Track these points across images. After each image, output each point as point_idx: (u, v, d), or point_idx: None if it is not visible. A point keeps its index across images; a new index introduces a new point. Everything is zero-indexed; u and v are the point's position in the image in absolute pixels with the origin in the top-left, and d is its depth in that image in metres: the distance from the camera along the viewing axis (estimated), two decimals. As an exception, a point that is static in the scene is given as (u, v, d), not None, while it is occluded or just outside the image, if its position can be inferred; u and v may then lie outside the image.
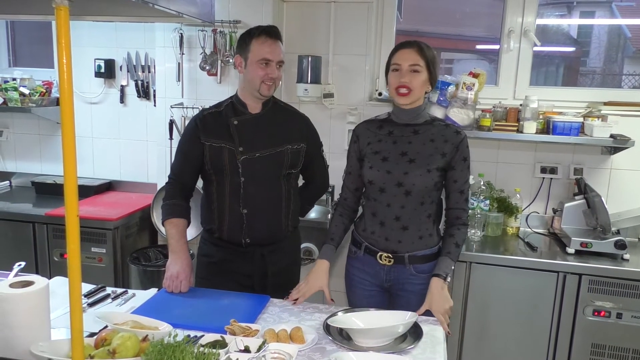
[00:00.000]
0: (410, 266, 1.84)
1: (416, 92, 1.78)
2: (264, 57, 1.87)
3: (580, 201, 2.67)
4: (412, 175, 1.78)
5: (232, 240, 1.97)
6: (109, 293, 1.84)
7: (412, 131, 1.85)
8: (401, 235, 1.83)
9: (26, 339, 1.30)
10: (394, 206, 1.82)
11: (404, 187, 1.79)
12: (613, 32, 3.16)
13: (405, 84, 1.76)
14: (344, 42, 3.03)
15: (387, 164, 1.82)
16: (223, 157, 1.90)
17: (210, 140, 1.92)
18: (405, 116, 1.85)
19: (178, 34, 2.91)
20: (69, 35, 0.92)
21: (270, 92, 1.93)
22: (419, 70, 1.77)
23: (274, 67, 1.89)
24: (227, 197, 1.94)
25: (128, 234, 2.99)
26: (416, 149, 1.81)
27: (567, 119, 2.65)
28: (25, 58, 3.68)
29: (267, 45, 1.87)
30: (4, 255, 2.89)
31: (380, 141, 1.87)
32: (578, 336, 2.45)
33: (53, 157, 3.53)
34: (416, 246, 1.84)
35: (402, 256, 1.84)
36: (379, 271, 1.88)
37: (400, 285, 1.87)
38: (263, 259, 1.99)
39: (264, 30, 1.89)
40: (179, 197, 1.99)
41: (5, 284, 1.35)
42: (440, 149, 1.81)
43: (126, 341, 1.28)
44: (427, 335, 1.59)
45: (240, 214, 1.93)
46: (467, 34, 3.33)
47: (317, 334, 1.54)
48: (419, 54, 1.77)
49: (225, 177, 1.92)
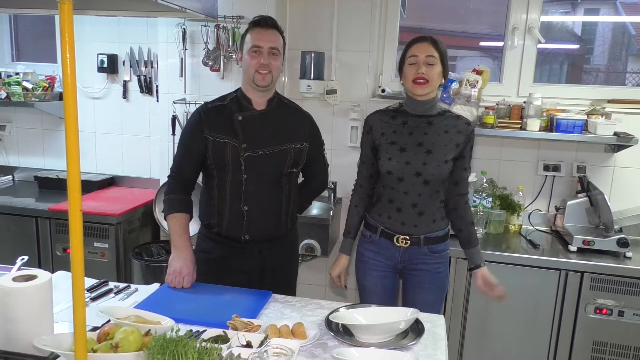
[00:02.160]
0: (425, 247, 1.95)
1: (433, 82, 1.87)
2: (253, 44, 1.86)
3: (583, 199, 2.67)
4: (430, 165, 1.87)
5: (231, 236, 1.96)
6: (111, 288, 1.85)
7: (427, 122, 1.93)
8: (417, 220, 1.93)
9: (29, 332, 1.30)
10: (411, 194, 1.91)
11: (423, 176, 1.88)
12: (617, 29, 3.15)
13: (423, 75, 1.84)
14: (347, 38, 3.02)
15: (406, 155, 1.90)
16: (226, 152, 1.89)
17: (214, 135, 1.90)
18: (420, 107, 1.93)
19: (181, 29, 2.90)
20: (72, 30, 0.92)
21: (265, 81, 1.88)
22: (434, 63, 1.86)
23: (265, 54, 1.86)
24: (228, 193, 1.92)
25: (130, 229, 3.00)
26: (432, 140, 1.90)
27: (570, 116, 2.64)
28: (28, 52, 3.68)
29: (256, 33, 1.87)
30: (7, 250, 2.89)
31: (395, 132, 1.94)
32: (579, 334, 2.45)
33: (56, 151, 3.53)
34: (431, 229, 1.95)
35: (418, 238, 1.94)
36: (395, 253, 1.98)
37: (414, 265, 1.98)
38: (261, 255, 1.98)
39: (257, 21, 1.89)
40: (180, 192, 1.98)
41: (8, 278, 1.35)
42: (455, 140, 1.91)
43: (129, 335, 1.28)
44: (429, 331, 1.59)
45: (240, 210, 1.92)
46: (471, 31, 3.31)
47: (319, 330, 1.54)
48: (434, 46, 1.87)
49: (227, 173, 1.91)
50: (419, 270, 1.98)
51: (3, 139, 3.59)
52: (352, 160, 3.07)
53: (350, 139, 3.06)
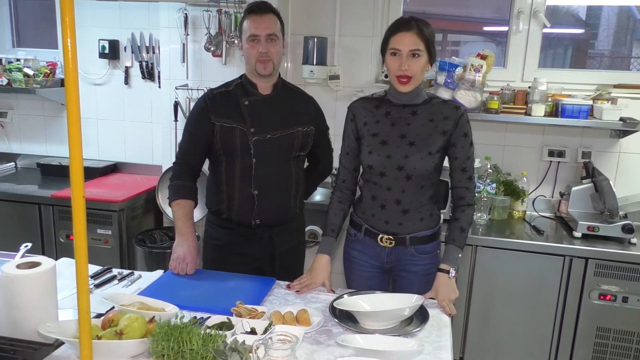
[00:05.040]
0: (411, 247, 1.81)
1: (417, 77, 1.71)
2: (250, 34, 1.85)
3: (588, 185, 2.65)
4: (412, 158, 1.73)
5: (242, 221, 1.96)
6: (115, 274, 1.85)
7: (411, 112, 1.77)
8: (402, 218, 1.79)
9: (34, 319, 1.31)
10: (394, 190, 1.77)
11: (405, 171, 1.74)
12: (622, 14, 3.10)
13: (406, 73, 1.68)
14: (350, 23, 2.98)
15: (387, 148, 1.76)
16: (234, 137, 1.88)
17: (221, 120, 1.89)
18: (403, 97, 1.78)
19: (182, 14, 2.87)
20: (73, 15, 0.90)
21: (267, 70, 1.87)
22: (420, 55, 1.68)
23: (263, 42, 1.84)
24: (238, 178, 1.92)
25: (134, 215, 3.00)
26: (415, 131, 1.75)
27: (576, 101, 2.61)
28: (29, 39, 3.65)
29: (251, 20, 1.85)
30: (11, 237, 2.90)
31: (378, 122, 1.80)
32: (583, 320, 2.45)
33: (58, 138, 3.52)
34: (417, 227, 1.80)
35: (403, 237, 1.80)
36: (380, 253, 1.85)
37: (401, 267, 1.85)
38: (271, 240, 2.00)
39: (251, 8, 1.87)
40: (186, 178, 1.97)
41: (12, 265, 1.35)
42: (440, 127, 1.75)
43: (133, 322, 1.29)
44: (434, 318, 1.59)
45: (251, 195, 1.92)
46: (475, 15, 3.27)
47: (324, 317, 1.55)
48: (419, 36, 1.67)
49: (236, 158, 1.91)
50: (407, 272, 1.84)
51: (5, 126, 3.58)
52: (356, 146, 3.06)
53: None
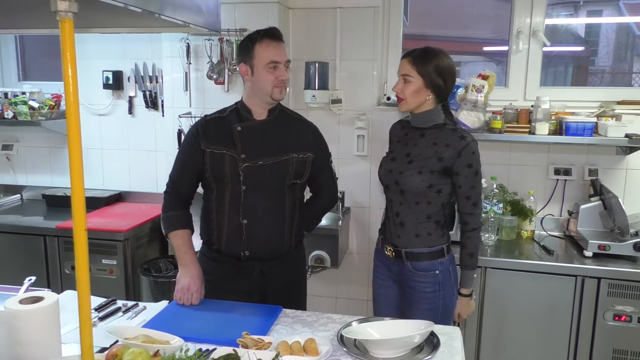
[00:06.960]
0: (408, 262, 1.91)
1: (408, 100, 1.86)
2: (271, 60, 1.80)
3: (596, 203, 2.62)
4: (405, 174, 1.88)
5: (231, 252, 1.89)
6: (119, 306, 1.82)
7: (420, 134, 1.93)
8: (399, 231, 1.93)
9: (37, 355, 1.29)
10: (394, 203, 1.94)
11: (399, 185, 1.90)
12: (621, 30, 3.12)
13: (398, 94, 1.89)
14: (350, 47, 3.01)
15: (392, 164, 1.95)
16: (224, 164, 1.84)
17: (211, 147, 1.85)
18: (415, 120, 1.94)
19: (185, 43, 2.91)
20: (73, 47, 0.91)
21: (283, 95, 1.86)
22: (410, 80, 1.84)
23: (282, 69, 1.83)
24: (227, 206, 1.87)
25: (138, 244, 2.98)
26: (418, 151, 1.90)
27: (580, 119, 2.60)
28: (35, 72, 3.70)
29: (272, 47, 1.81)
30: (16, 269, 2.89)
31: (399, 142, 1.99)
32: (599, 342, 2.39)
33: (63, 169, 3.54)
34: (413, 243, 1.91)
35: (400, 251, 1.93)
36: (388, 263, 2.00)
37: (404, 281, 1.96)
38: (262, 276, 1.91)
39: (266, 33, 1.82)
40: (178, 208, 1.94)
41: (15, 300, 1.33)
42: (439, 152, 1.85)
43: (137, 357, 1.26)
44: (445, 344, 1.55)
45: (239, 224, 1.86)
46: (474, 36, 3.30)
47: (332, 346, 1.51)
48: (412, 64, 1.83)
49: (226, 185, 1.86)
50: (410, 288, 1.93)
51: (11, 158, 3.60)
52: (359, 169, 3.06)
53: (357, 148, 3.04)
